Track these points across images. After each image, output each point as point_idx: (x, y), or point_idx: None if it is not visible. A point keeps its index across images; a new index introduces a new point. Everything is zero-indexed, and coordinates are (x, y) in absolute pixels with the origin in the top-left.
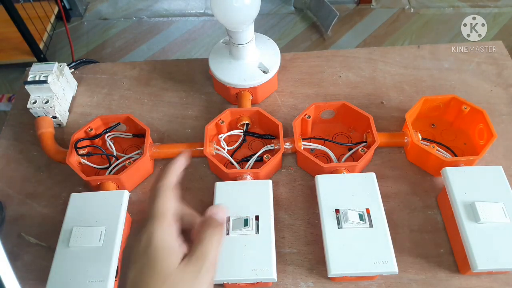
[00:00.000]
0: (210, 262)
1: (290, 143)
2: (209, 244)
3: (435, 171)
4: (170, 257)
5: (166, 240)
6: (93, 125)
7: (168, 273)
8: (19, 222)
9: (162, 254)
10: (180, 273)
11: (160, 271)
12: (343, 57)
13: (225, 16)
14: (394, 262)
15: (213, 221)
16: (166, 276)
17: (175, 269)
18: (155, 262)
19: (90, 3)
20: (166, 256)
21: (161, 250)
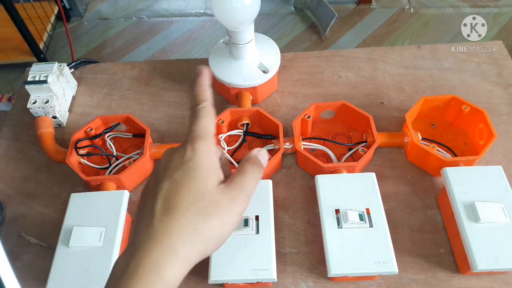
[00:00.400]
0: (247, 194)
1: (290, 143)
2: (250, 177)
3: (435, 171)
4: (210, 176)
5: (210, 158)
6: (93, 125)
7: (205, 191)
8: (19, 222)
9: (204, 171)
10: (217, 194)
11: (198, 187)
12: (343, 57)
13: (225, 16)
14: (394, 262)
15: (257, 160)
16: (203, 194)
17: (213, 189)
18: (195, 177)
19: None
20: (207, 174)
21: (204, 167)
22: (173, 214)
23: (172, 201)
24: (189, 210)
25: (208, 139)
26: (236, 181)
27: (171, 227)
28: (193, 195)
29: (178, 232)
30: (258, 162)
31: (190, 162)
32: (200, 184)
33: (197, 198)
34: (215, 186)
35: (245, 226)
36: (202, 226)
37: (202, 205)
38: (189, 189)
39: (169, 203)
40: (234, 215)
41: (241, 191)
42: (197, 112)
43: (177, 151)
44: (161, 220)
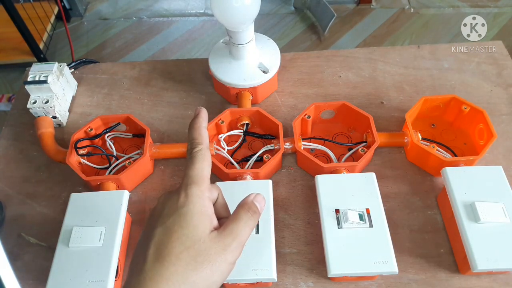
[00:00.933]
0: (240, 242)
1: (290, 143)
2: (244, 225)
3: (435, 171)
4: (203, 223)
5: (203, 204)
6: (93, 125)
7: (197, 239)
8: (19, 222)
9: (196, 218)
10: (209, 242)
11: (189, 235)
12: (343, 57)
13: (225, 16)
14: (394, 262)
15: (252, 206)
16: (194, 242)
17: (205, 237)
18: (187, 225)
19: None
20: (199, 221)
21: (196, 214)
22: (164, 262)
23: (164, 249)
24: (180, 259)
25: (202, 184)
26: (229, 228)
27: (161, 274)
28: (184, 243)
29: (168, 280)
30: (254, 208)
31: (183, 209)
32: (191, 231)
33: (188, 246)
34: (207, 233)
35: None
36: (192, 275)
37: (193, 254)
38: (180, 237)
39: (161, 250)
40: (225, 264)
41: (234, 239)
42: (193, 156)
43: (171, 197)
44: (152, 267)
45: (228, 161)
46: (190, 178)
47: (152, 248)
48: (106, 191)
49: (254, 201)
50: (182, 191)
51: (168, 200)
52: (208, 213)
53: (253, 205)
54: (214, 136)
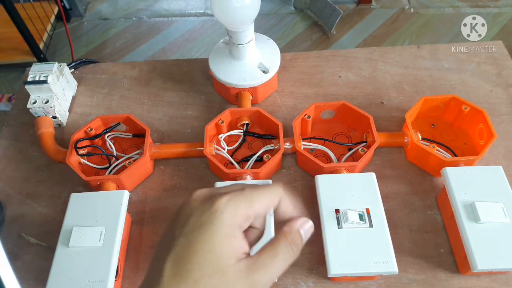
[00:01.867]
0: (272, 279)
1: (290, 143)
2: (282, 262)
3: (435, 171)
4: (229, 249)
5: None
6: (93, 125)
7: (220, 267)
8: (19, 222)
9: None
10: (234, 275)
11: (213, 261)
12: (343, 57)
13: (225, 16)
14: (394, 262)
15: (297, 238)
16: (217, 270)
17: (230, 267)
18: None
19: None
20: (226, 246)
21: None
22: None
23: (183, 266)
24: (198, 284)
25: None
26: (262, 261)
27: None
28: (205, 269)
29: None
30: (298, 240)
31: (213, 218)
32: (215, 258)
33: (209, 274)
34: (233, 263)
35: None
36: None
37: (213, 284)
38: (201, 260)
39: (179, 268)
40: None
41: (264, 276)
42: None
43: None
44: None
45: (228, 161)
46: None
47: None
48: (106, 191)
49: (300, 230)
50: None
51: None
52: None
53: (298, 235)
54: (214, 136)
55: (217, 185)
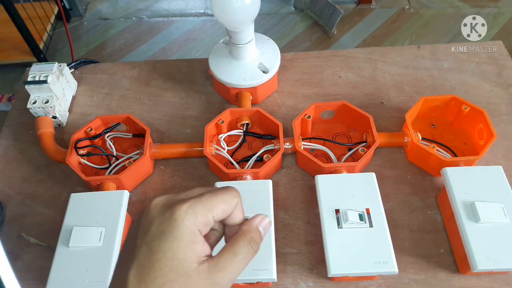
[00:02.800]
0: (233, 278)
1: (290, 143)
2: (242, 260)
3: (435, 171)
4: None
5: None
6: (93, 125)
7: (183, 272)
8: (19, 222)
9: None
10: (197, 277)
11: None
12: (343, 57)
13: (225, 16)
14: (394, 262)
15: (256, 236)
16: (179, 275)
17: (192, 271)
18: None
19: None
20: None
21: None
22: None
23: (146, 274)
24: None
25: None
26: (223, 262)
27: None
28: (167, 275)
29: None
30: (256, 238)
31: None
32: (176, 264)
33: (172, 279)
34: (194, 267)
35: None
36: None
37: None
38: (163, 268)
39: (143, 275)
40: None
41: (225, 276)
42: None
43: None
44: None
45: (228, 161)
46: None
47: (133, 270)
48: (106, 191)
49: (258, 227)
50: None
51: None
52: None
53: (257, 233)
54: (214, 136)
55: (217, 185)
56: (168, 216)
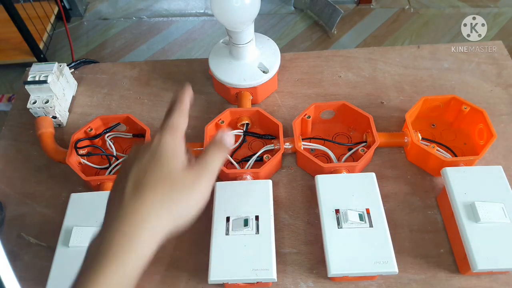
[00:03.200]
0: (211, 171)
1: (290, 143)
2: (213, 156)
3: (435, 171)
4: (176, 160)
5: (176, 147)
6: (93, 125)
7: (171, 171)
8: (19, 222)
9: (169, 156)
10: (182, 172)
11: (163, 169)
12: (343, 57)
13: (225, 16)
14: (394, 262)
15: (220, 142)
16: (169, 173)
17: (178, 170)
18: (161, 162)
19: (90, 3)
20: (172, 159)
21: (170, 154)
22: (143, 191)
23: (141, 181)
24: (157, 188)
25: (176, 131)
26: (200, 161)
27: (140, 202)
28: (159, 175)
29: (148, 206)
30: (221, 143)
31: (157, 149)
32: (165, 166)
33: (163, 177)
34: (180, 167)
35: (245, 226)
36: (170, 201)
37: (169, 183)
38: (156, 171)
39: (138, 183)
40: (199, 192)
41: (205, 168)
42: (172, 110)
43: (144, 145)
44: (131, 197)
45: (228, 161)
46: (165, 125)
47: (130, 184)
48: (106, 191)
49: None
50: (156, 136)
51: (142, 146)
52: (179, 154)
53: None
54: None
55: (217, 186)
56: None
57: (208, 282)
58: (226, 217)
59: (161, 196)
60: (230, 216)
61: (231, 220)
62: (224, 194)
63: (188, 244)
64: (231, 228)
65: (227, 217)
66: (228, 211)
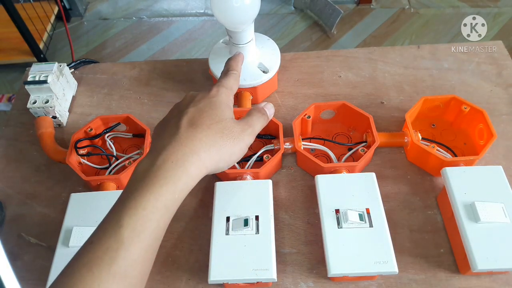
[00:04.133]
0: (253, 131)
1: (290, 143)
2: (257, 120)
3: (435, 171)
4: (228, 111)
5: (229, 101)
6: (93, 125)
7: (223, 118)
8: (19, 222)
9: (223, 106)
10: (232, 123)
11: (218, 115)
12: (343, 57)
13: (225, 16)
14: (394, 262)
15: (262, 109)
16: (221, 119)
17: (229, 119)
18: (217, 108)
19: (90, 3)
20: (225, 108)
21: (224, 103)
22: (197, 128)
23: (197, 119)
24: (210, 128)
25: (230, 90)
26: (245, 119)
27: (194, 136)
28: (214, 119)
29: (200, 140)
30: (263, 111)
31: (214, 98)
32: (219, 113)
33: (217, 121)
34: (231, 117)
35: (245, 226)
36: (219, 141)
37: (221, 127)
38: (211, 115)
39: (194, 121)
40: (243, 142)
41: (249, 126)
42: (228, 75)
43: (201, 92)
44: (186, 130)
45: None
46: (222, 83)
47: (185, 119)
48: (106, 191)
49: (264, 107)
50: (215, 87)
51: (199, 93)
52: (231, 107)
53: (263, 109)
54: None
55: (217, 186)
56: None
57: (208, 282)
58: (226, 217)
59: (214, 135)
60: (230, 216)
61: (231, 220)
62: (224, 194)
63: (188, 244)
64: (231, 228)
65: (227, 217)
66: (228, 211)
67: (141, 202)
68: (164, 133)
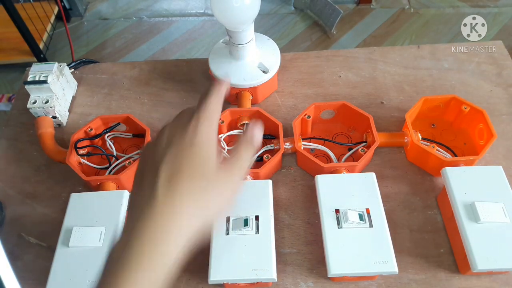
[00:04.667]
0: (242, 169)
1: (290, 143)
2: (244, 153)
3: (435, 171)
4: (212, 153)
5: (211, 137)
6: (93, 125)
7: (207, 162)
8: (19, 222)
9: (205, 149)
10: (217, 169)
11: (201, 160)
12: (343, 57)
13: (225, 16)
14: (394, 262)
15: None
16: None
17: (214, 161)
18: (198, 154)
19: (90, 3)
20: (208, 151)
21: (206, 145)
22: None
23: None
24: (194, 181)
25: (212, 120)
26: (232, 159)
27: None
28: (196, 168)
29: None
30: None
31: (194, 139)
32: (203, 157)
33: (200, 171)
34: (215, 161)
35: (245, 226)
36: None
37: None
38: (192, 163)
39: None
40: (230, 190)
41: (236, 168)
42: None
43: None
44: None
45: None
46: (203, 114)
47: (163, 175)
48: (106, 191)
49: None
50: (192, 124)
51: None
52: (215, 146)
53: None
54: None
55: None
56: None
57: (208, 282)
58: (226, 217)
59: (198, 189)
60: (230, 216)
61: (231, 220)
62: None
63: None
64: (231, 228)
65: (227, 217)
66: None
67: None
68: (139, 199)
